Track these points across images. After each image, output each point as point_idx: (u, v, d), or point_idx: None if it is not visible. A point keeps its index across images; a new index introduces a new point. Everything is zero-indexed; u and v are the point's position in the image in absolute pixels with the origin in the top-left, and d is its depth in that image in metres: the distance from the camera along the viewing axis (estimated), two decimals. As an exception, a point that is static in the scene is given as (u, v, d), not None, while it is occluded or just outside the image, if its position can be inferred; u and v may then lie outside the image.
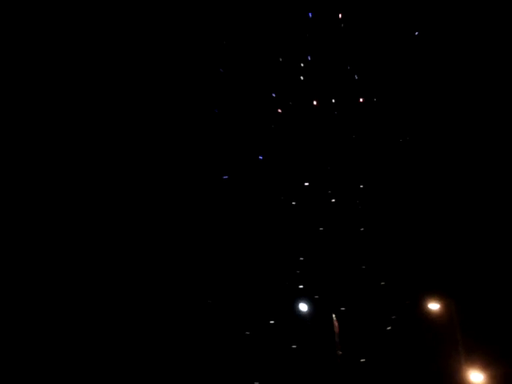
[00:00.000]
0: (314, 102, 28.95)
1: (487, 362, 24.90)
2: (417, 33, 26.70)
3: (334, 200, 29.47)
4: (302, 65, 28.74)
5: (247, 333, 28.38)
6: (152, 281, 28.89)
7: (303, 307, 29.59)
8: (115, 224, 29.18)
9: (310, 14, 27.55)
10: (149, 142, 29.54)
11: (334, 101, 28.86)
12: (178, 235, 29.62)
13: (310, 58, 28.53)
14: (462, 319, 25.91)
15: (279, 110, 29.29)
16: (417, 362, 26.42)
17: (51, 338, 27.08)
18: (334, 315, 28.69)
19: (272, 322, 28.18)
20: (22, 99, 27.78)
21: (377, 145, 29.01)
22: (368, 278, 28.52)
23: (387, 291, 28.00)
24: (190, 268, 29.21)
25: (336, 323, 29.11)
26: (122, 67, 28.87)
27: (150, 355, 28.35)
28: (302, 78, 28.97)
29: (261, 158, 29.00)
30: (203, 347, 28.31)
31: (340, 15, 27.09)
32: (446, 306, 26.35)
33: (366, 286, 28.51)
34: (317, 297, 28.83)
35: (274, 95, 29.09)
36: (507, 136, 26.32)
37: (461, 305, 26.18)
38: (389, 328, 27.36)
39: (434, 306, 26.58)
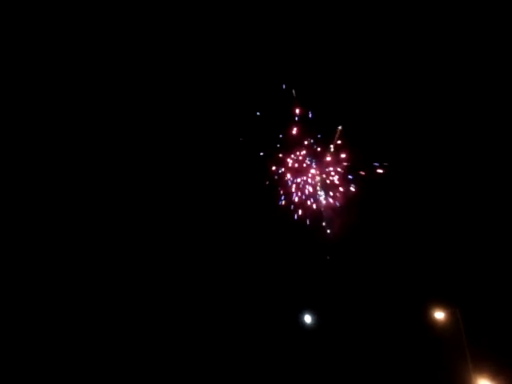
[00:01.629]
0: None
1: (495, 370, 24.59)
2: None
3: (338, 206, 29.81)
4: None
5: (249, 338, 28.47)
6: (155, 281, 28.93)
7: (308, 319, 29.63)
8: (114, 224, 29.27)
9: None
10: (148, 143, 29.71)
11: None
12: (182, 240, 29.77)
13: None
14: (468, 328, 25.74)
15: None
16: (425, 371, 26.24)
17: (50, 337, 27.06)
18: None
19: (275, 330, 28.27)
20: (20, 99, 27.92)
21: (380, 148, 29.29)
22: (375, 288, 28.53)
23: (394, 301, 27.97)
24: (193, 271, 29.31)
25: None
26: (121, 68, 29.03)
27: (149, 355, 28.22)
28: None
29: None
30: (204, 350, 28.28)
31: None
32: (452, 315, 26.20)
33: (374, 296, 28.49)
34: (324, 307, 28.87)
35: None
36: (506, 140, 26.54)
37: (466, 313, 26.03)
38: (396, 337, 27.26)
39: (439, 314, 26.47)
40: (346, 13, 28.22)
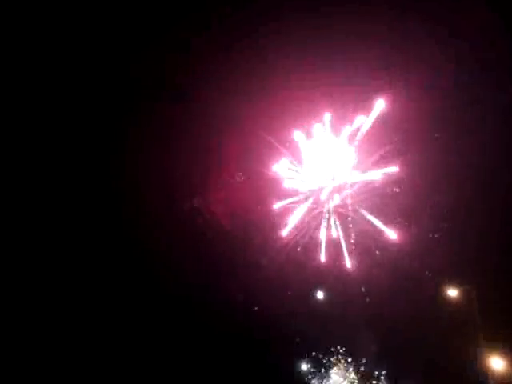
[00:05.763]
0: None
1: (507, 348, 24.59)
2: None
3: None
4: None
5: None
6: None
7: (319, 295, 29.79)
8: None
9: None
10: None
11: None
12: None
13: None
14: (481, 306, 25.68)
15: None
16: (438, 349, 26.34)
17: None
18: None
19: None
20: None
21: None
22: (388, 266, 28.47)
23: (408, 278, 27.91)
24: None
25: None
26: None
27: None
28: None
29: None
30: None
31: None
32: (466, 293, 26.10)
33: (388, 273, 28.45)
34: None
35: None
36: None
37: (480, 291, 25.93)
38: (409, 314, 27.27)
39: (453, 292, 26.34)
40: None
